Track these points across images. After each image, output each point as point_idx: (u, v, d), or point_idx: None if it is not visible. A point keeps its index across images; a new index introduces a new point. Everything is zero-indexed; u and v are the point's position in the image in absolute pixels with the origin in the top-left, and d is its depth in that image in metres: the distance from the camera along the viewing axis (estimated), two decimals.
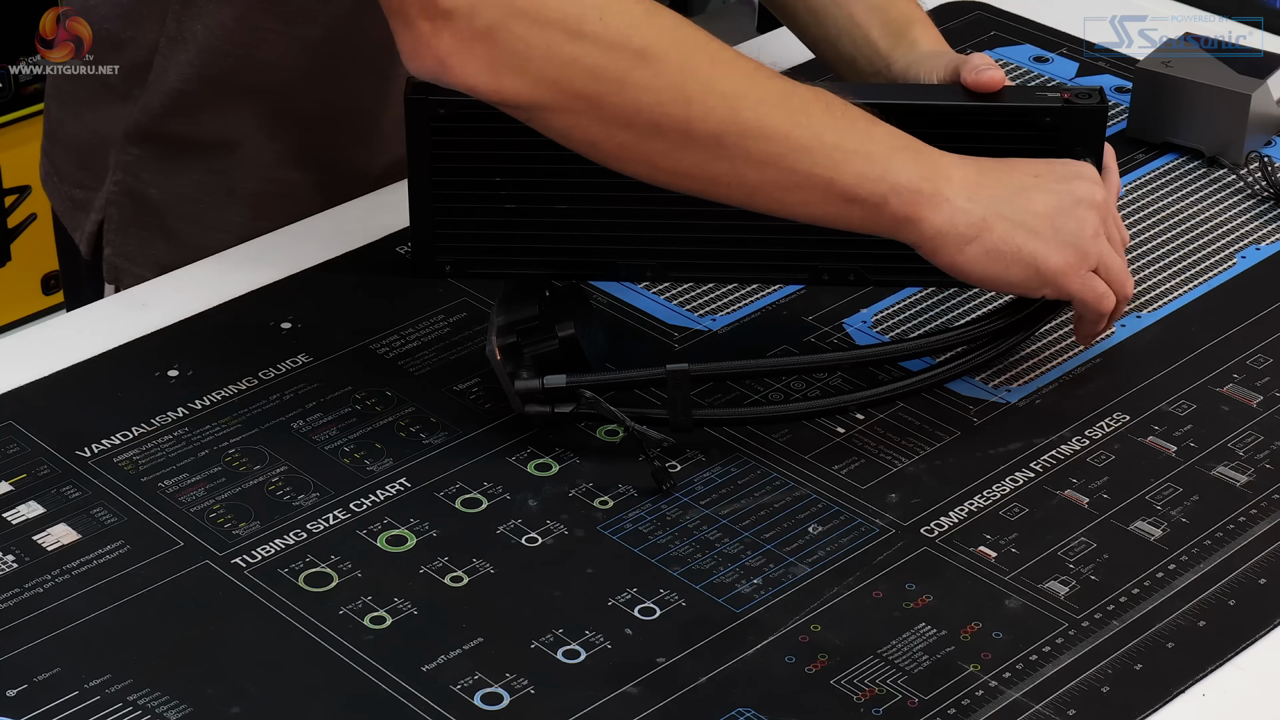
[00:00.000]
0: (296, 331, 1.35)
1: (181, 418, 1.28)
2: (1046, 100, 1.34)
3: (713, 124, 1.16)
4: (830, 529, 1.19)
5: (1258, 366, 1.34)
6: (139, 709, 1.07)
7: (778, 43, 1.70)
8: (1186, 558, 1.17)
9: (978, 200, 1.22)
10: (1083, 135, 1.34)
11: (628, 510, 1.21)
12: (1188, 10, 1.77)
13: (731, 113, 1.16)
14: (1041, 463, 1.25)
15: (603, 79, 1.14)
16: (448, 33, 1.13)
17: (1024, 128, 1.34)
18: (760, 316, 1.38)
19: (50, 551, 1.17)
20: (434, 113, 1.31)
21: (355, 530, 1.19)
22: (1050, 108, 1.34)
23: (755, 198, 1.20)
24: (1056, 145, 1.34)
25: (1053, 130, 1.34)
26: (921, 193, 1.20)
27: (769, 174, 1.18)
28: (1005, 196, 1.23)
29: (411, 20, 1.13)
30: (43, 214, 2.75)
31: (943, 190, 1.21)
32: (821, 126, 1.18)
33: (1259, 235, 1.47)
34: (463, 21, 1.12)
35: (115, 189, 1.51)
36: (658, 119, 1.16)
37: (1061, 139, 1.34)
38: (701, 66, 1.16)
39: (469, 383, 1.31)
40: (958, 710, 1.07)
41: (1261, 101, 1.54)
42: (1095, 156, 1.33)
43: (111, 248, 1.53)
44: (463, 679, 1.09)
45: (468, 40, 1.13)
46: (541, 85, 1.14)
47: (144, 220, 1.52)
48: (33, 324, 2.71)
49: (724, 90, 1.16)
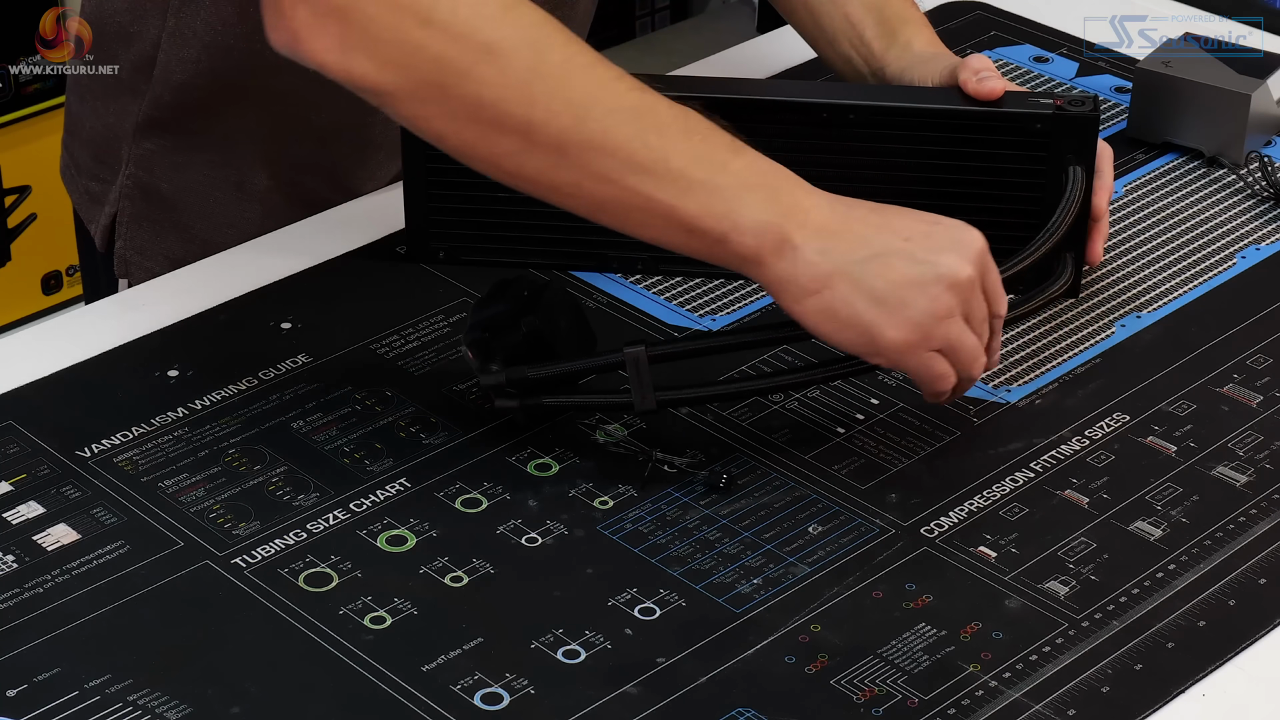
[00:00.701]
0: (296, 331, 1.35)
1: (181, 418, 1.28)
2: (1039, 107, 1.34)
3: (555, 130, 1.13)
4: (830, 529, 1.19)
5: (1258, 366, 1.34)
6: (139, 709, 1.07)
7: (778, 42, 1.70)
8: (1186, 558, 1.17)
9: (829, 255, 1.14)
10: (1074, 142, 1.34)
11: (628, 510, 1.21)
12: (1188, 10, 1.77)
13: (576, 120, 1.13)
14: (1041, 463, 1.25)
15: (447, 69, 1.12)
16: (304, 7, 1.12)
17: (1015, 134, 1.34)
18: (760, 317, 1.38)
19: (50, 551, 1.17)
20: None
21: (355, 530, 1.19)
22: (1041, 114, 1.34)
23: (601, 214, 1.16)
24: (1047, 152, 1.34)
25: (1044, 137, 1.34)
26: (765, 236, 1.14)
27: (610, 191, 1.14)
28: (861, 257, 1.14)
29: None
30: (43, 214, 2.75)
31: (792, 237, 1.14)
32: (671, 149, 1.13)
33: (1259, 235, 1.47)
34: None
35: (128, 182, 1.51)
36: (500, 117, 1.13)
37: (1052, 146, 1.34)
38: (552, 69, 1.13)
39: (469, 383, 1.31)
40: (958, 710, 1.07)
41: (1261, 101, 1.54)
42: (1087, 164, 1.33)
43: (123, 240, 1.53)
44: (463, 679, 1.09)
45: (321, 16, 1.12)
46: (388, 69, 1.12)
47: (156, 214, 1.52)
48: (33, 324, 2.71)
49: (572, 96, 1.13)
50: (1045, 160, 1.35)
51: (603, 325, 1.36)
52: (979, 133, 1.35)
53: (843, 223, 1.15)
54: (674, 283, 1.41)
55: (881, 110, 1.35)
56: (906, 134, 1.35)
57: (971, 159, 1.35)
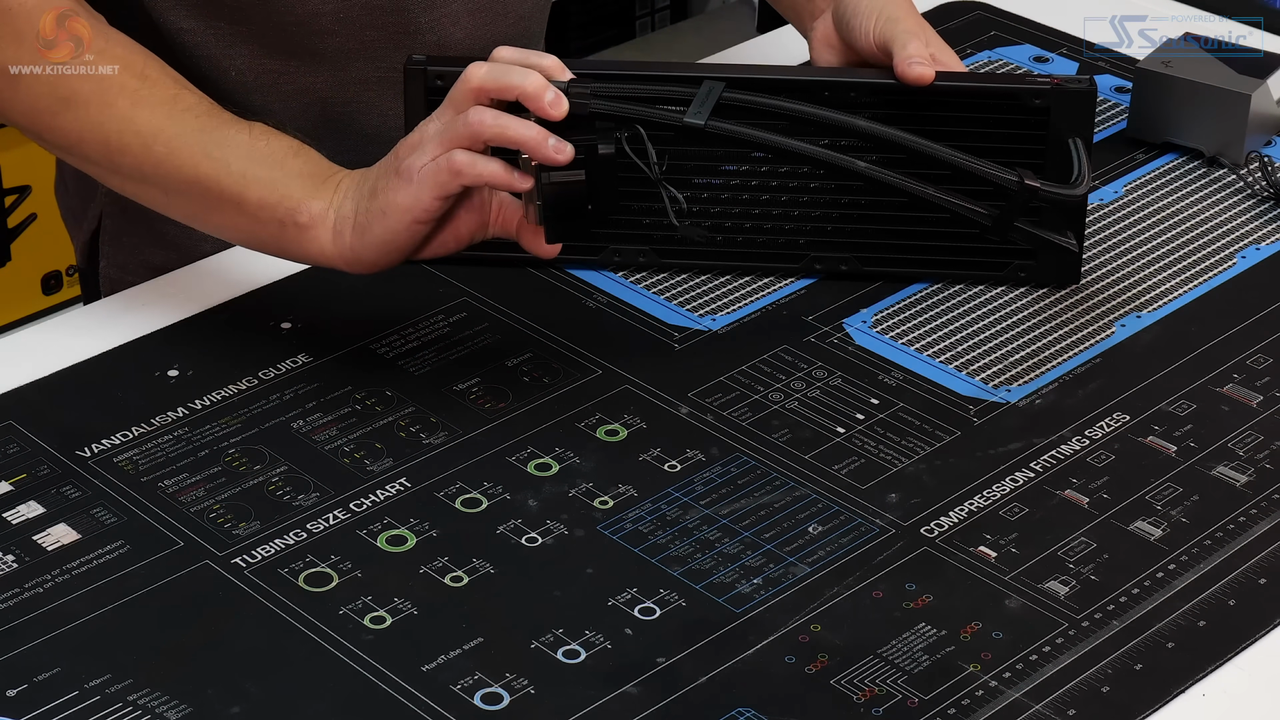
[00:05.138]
0: (296, 331, 1.35)
1: (181, 418, 1.28)
2: (1036, 83, 1.35)
3: (130, 159, 1.30)
4: (830, 529, 1.19)
5: (1258, 366, 1.34)
6: (139, 709, 1.07)
7: (778, 42, 1.70)
8: (1186, 558, 1.17)
9: (349, 198, 1.26)
10: (1072, 118, 1.34)
11: (628, 510, 1.21)
12: (1188, 10, 1.77)
13: (145, 150, 1.29)
14: (1041, 463, 1.25)
15: (36, 119, 1.33)
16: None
17: (1013, 111, 1.35)
18: (760, 316, 1.38)
19: (50, 551, 1.17)
20: (431, 83, 1.34)
21: (355, 530, 1.19)
22: (1039, 89, 1.34)
23: (195, 221, 1.33)
24: (1046, 129, 1.35)
25: (1042, 113, 1.34)
26: (313, 217, 1.27)
27: (192, 201, 1.30)
28: (367, 176, 1.26)
29: None
30: (43, 214, 2.75)
31: (333, 200, 1.27)
32: (233, 156, 1.28)
33: (1259, 235, 1.47)
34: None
35: (106, 197, 1.52)
36: (87, 153, 1.32)
37: (1051, 122, 1.34)
38: (121, 109, 1.29)
39: (469, 383, 1.31)
40: (958, 710, 1.07)
41: (1261, 101, 1.54)
42: (1086, 139, 1.34)
43: (106, 259, 1.54)
44: (463, 679, 1.09)
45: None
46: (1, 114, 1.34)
47: (134, 228, 1.52)
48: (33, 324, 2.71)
49: (139, 129, 1.29)
50: (1044, 138, 1.35)
51: (603, 325, 1.36)
52: (977, 110, 1.35)
53: (357, 183, 1.27)
54: (674, 282, 1.41)
55: (881, 88, 1.36)
56: (906, 113, 1.36)
57: (970, 138, 1.35)
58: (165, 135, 1.29)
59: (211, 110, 1.31)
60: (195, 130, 1.29)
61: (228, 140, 1.29)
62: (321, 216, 1.26)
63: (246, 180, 1.27)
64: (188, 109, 1.30)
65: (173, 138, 1.29)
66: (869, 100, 1.36)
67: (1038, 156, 1.36)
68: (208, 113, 1.30)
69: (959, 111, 1.36)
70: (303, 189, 1.27)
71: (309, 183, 1.27)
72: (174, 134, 1.29)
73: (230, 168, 1.28)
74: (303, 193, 1.27)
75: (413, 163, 1.22)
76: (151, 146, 1.29)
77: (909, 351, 1.35)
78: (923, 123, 1.36)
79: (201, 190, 1.29)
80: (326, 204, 1.27)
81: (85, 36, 1.31)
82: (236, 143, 1.28)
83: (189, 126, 1.29)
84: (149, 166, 1.30)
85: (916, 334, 1.36)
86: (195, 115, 1.30)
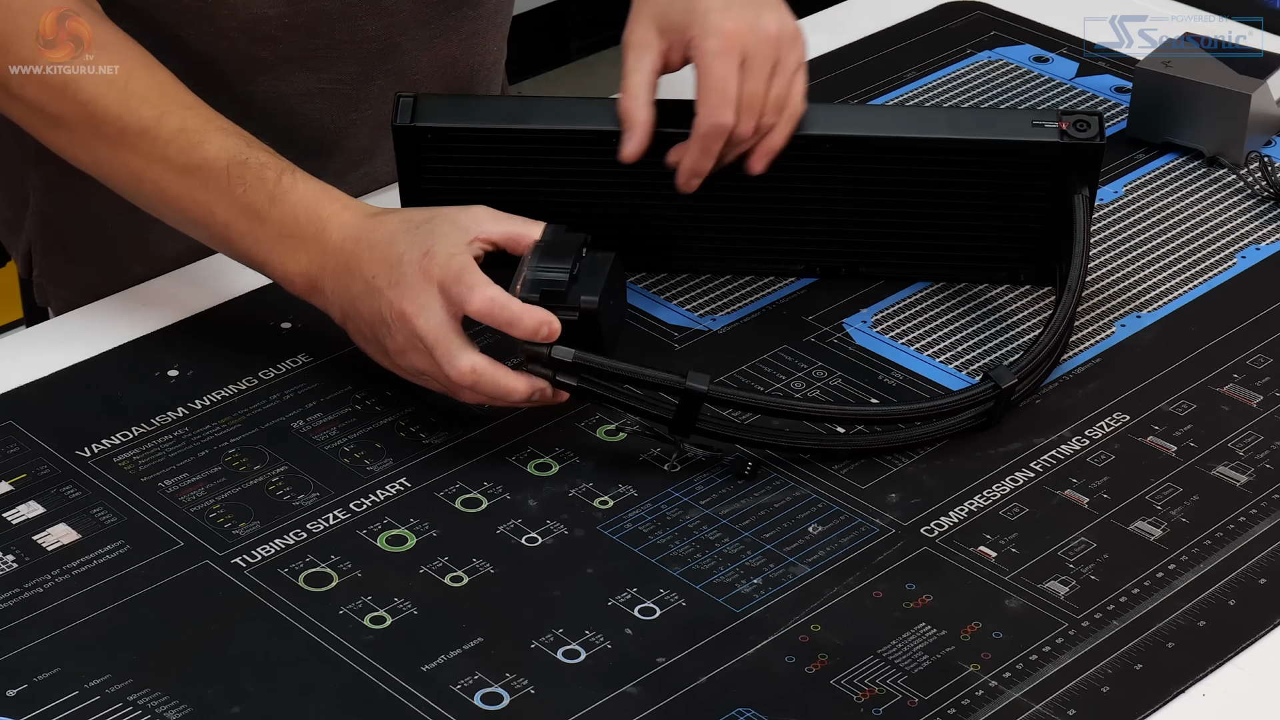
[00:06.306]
0: (296, 331, 1.35)
1: (181, 418, 1.28)
2: (1043, 132, 1.34)
3: (121, 187, 1.32)
4: (830, 529, 1.19)
5: (1258, 366, 1.34)
6: (139, 709, 1.07)
7: None
8: (1186, 558, 1.17)
9: (336, 295, 1.25)
10: (1079, 168, 1.34)
11: (628, 510, 1.21)
12: (1188, 10, 1.76)
13: (135, 182, 1.31)
14: (1041, 463, 1.25)
15: (32, 127, 1.34)
16: None
17: (1018, 164, 1.34)
18: (760, 316, 1.38)
19: (50, 551, 1.17)
20: (422, 138, 1.33)
21: (355, 530, 1.19)
22: (1047, 144, 1.33)
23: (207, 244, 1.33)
24: (1048, 181, 1.34)
25: (1046, 165, 1.34)
26: (299, 282, 1.26)
27: (189, 230, 1.31)
28: (349, 298, 1.24)
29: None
30: None
31: (318, 281, 1.26)
32: (217, 204, 1.27)
33: (1259, 235, 1.47)
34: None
35: (36, 211, 1.51)
36: (83, 165, 1.33)
37: (1055, 172, 1.34)
38: (109, 136, 1.30)
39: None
40: (958, 710, 1.07)
41: (1261, 101, 1.54)
42: (1090, 187, 1.34)
43: (38, 269, 1.54)
44: (463, 679, 1.09)
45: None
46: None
47: (64, 243, 1.51)
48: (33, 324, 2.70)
49: (127, 162, 1.30)
50: (1047, 186, 1.35)
51: None
52: (981, 161, 1.34)
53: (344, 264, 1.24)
54: (674, 282, 1.41)
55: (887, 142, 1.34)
56: (910, 167, 1.35)
57: (974, 186, 1.35)
58: (151, 175, 1.29)
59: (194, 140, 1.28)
60: (179, 171, 1.28)
61: (210, 183, 1.27)
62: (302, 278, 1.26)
63: (230, 231, 1.27)
64: (170, 140, 1.28)
65: (159, 177, 1.29)
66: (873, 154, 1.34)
67: (1041, 202, 1.35)
68: (190, 144, 1.28)
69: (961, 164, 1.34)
70: (283, 252, 1.26)
71: (288, 244, 1.26)
72: (158, 175, 1.28)
73: (215, 216, 1.27)
74: (283, 256, 1.26)
75: (391, 358, 1.24)
76: (141, 184, 1.30)
77: (909, 351, 1.35)
78: (926, 173, 1.35)
79: (195, 227, 1.30)
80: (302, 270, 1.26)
81: (85, 36, 1.30)
82: (218, 187, 1.27)
83: (172, 167, 1.28)
84: (142, 198, 1.31)
85: (916, 334, 1.36)
86: (179, 149, 1.28)
